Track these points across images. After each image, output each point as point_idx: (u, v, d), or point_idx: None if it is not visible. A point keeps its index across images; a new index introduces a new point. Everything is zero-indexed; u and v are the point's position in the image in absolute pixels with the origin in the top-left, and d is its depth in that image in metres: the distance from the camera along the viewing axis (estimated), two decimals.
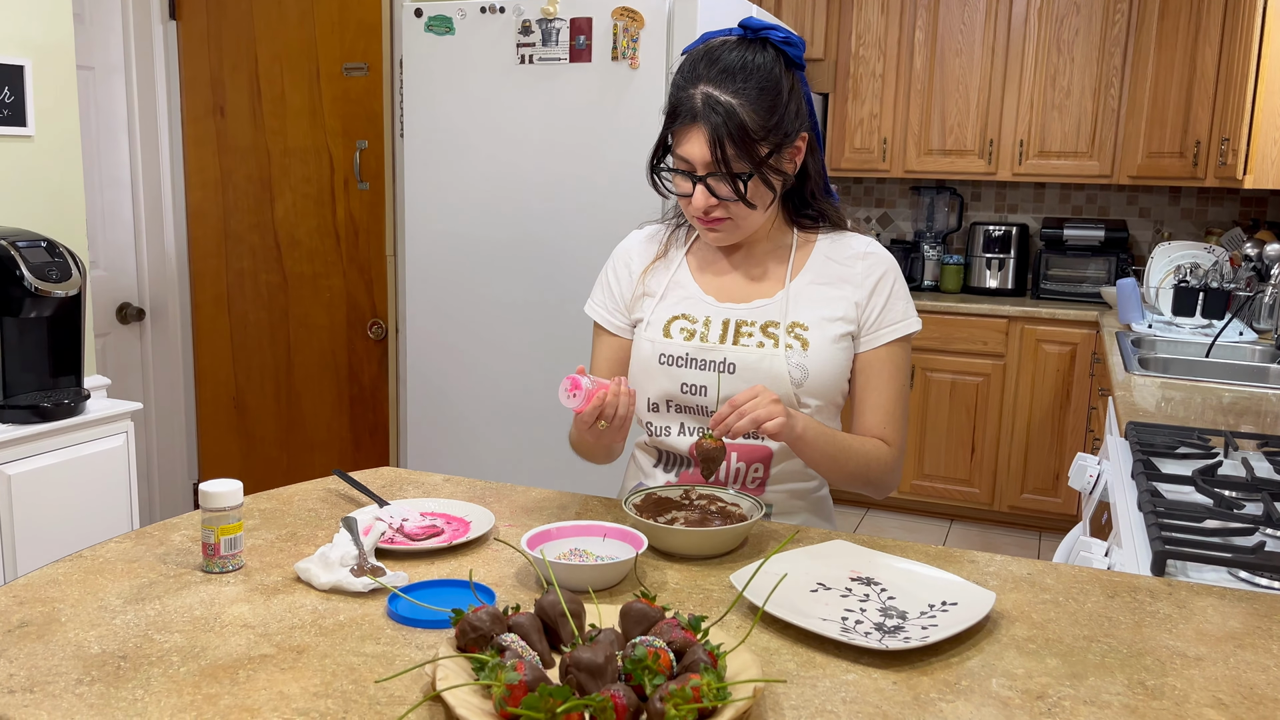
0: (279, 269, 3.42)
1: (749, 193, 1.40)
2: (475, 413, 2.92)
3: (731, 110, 1.35)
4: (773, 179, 1.42)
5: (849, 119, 4.58)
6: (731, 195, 1.39)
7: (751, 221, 1.45)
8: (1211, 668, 1.04)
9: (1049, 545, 4.16)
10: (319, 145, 3.29)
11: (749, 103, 1.36)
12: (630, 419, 1.40)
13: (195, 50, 3.37)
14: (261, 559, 1.26)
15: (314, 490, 1.53)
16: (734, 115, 1.35)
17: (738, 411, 1.31)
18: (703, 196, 1.40)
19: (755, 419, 1.30)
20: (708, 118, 1.35)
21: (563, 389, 1.35)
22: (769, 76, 1.38)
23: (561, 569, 1.16)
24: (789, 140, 1.42)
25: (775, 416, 1.31)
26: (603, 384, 1.37)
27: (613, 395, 1.35)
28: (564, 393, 1.35)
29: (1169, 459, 1.83)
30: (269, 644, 1.03)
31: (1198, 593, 1.23)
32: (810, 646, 1.06)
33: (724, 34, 1.45)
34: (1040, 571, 1.28)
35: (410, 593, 1.16)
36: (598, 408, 1.35)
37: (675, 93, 1.41)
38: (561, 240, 2.76)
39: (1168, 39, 4.04)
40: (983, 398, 4.26)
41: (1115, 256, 4.37)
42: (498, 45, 2.73)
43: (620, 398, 1.36)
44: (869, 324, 1.49)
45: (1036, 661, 1.04)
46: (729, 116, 1.35)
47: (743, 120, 1.35)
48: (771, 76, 1.38)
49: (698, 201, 1.41)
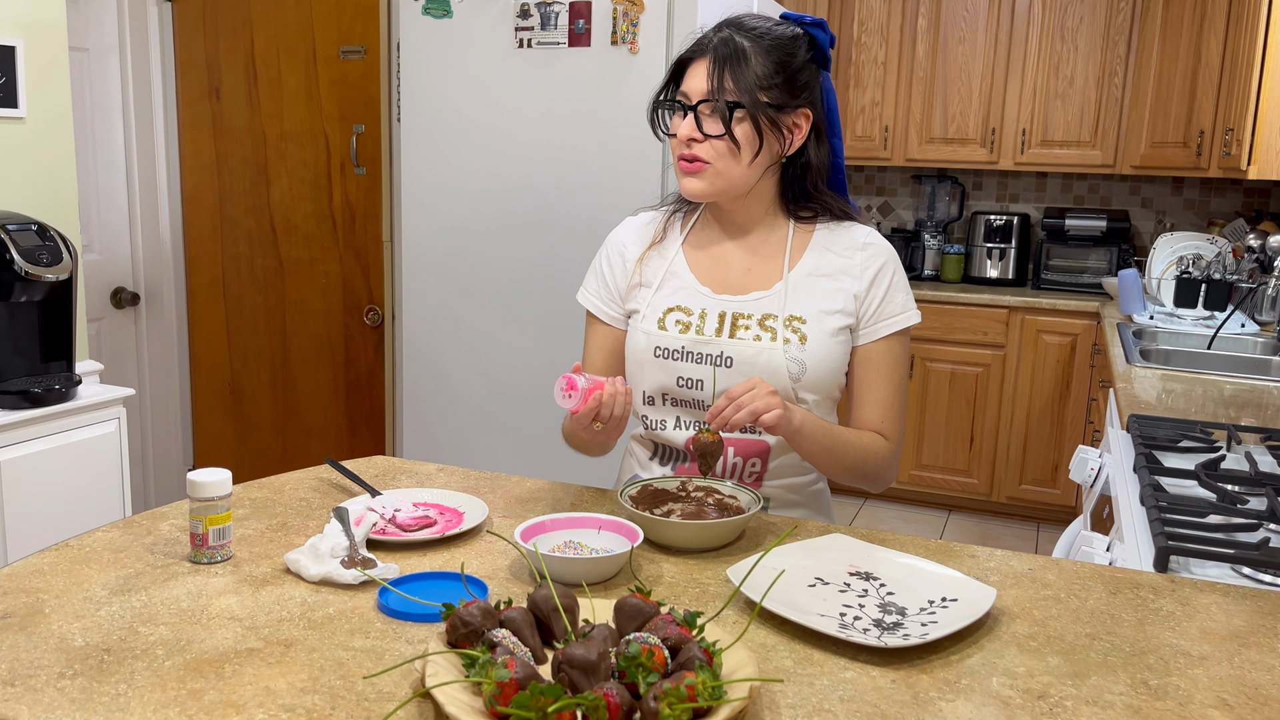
0: (275, 254, 3.39)
1: (736, 131, 1.39)
2: (472, 399, 2.90)
3: (742, 48, 1.38)
4: (766, 130, 1.40)
5: (851, 106, 4.54)
6: (718, 130, 1.39)
7: (731, 174, 1.42)
8: (1216, 667, 1.02)
9: (1047, 536, 4.15)
10: (315, 129, 3.26)
11: (761, 51, 1.39)
12: (626, 418, 1.37)
13: (190, 32, 3.33)
14: (251, 549, 1.24)
15: (306, 479, 1.51)
16: (743, 52, 1.38)
17: (735, 404, 1.29)
18: (690, 127, 1.40)
19: (753, 411, 1.28)
20: (716, 50, 1.39)
21: (558, 388, 1.32)
22: (788, 43, 1.41)
23: (555, 562, 1.14)
24: (791, 104, 1.41)
25: (773, 409, 1.28)
26: (598, 382, 1.34)
27: (609, 395, 1.33)
28: (559, 393, 1.32)
29: (1171, 452, 1.81)
30: (256, 637, 1.01)
31: (1201, 590, 1.21)
32: (808, 643, 1.04)
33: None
34: (1041, 567, 1.26)
35: (402, 585, 1.14)
36: (594, 408, 1.32)
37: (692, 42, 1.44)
38: (559, 226, 2.73)
39: (1172, 28, 4.01)
40: (982, 388, 4.24)
41: (1117, 247, 4.35)
42: (496, 29, 2.70)
43: (617, 398, 1.34)
44: (868, 316, 1.46)
45: (1038, 660, 1.03)
46: (737, 51, 1.38)
47: (750, 59, 1.38)
48: (791, 44, 1.41)
49: (682, 130, 1.40)
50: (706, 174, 1.42)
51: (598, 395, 1.32)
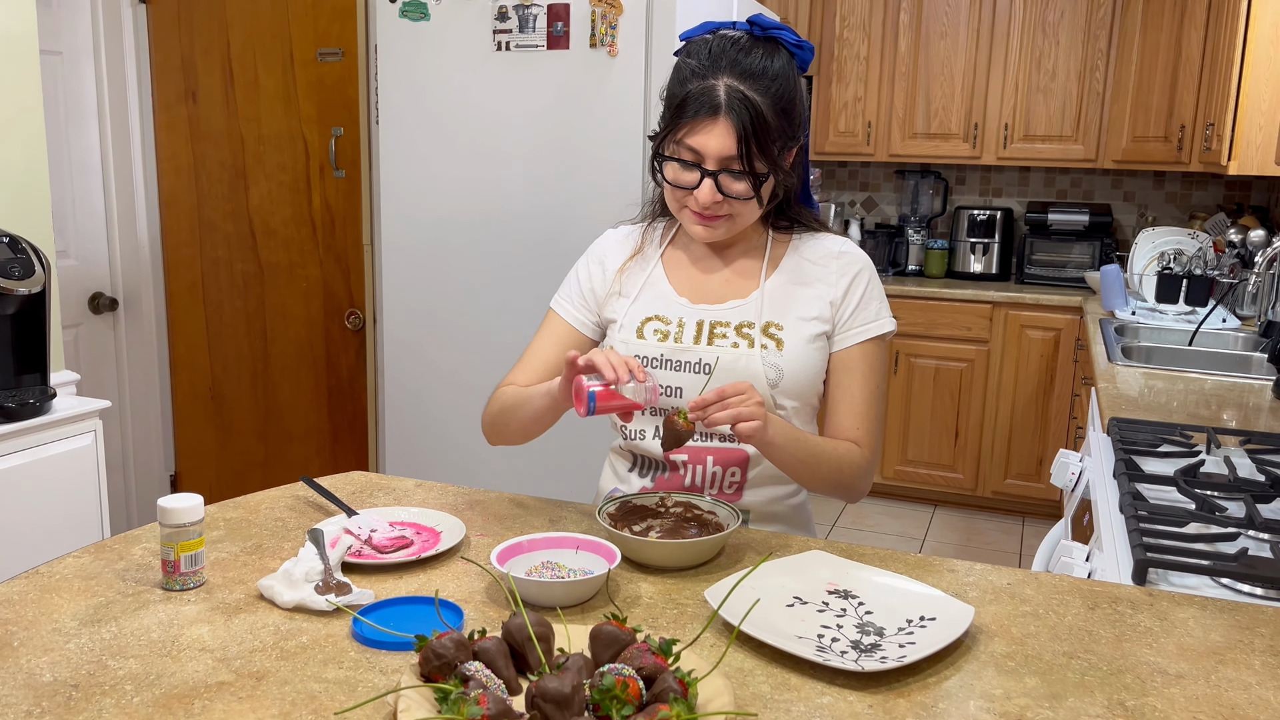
0: (254, 258, 3.36)
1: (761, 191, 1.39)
2: (453, 403, 2.88)
3: (759, 109, 1.34)
4: (783, 180, 1.42)
5: (833, 102, 4.53)
6: (745, 193, 1.38)
7: (748, 219, 1.44)
8: (1193, 686, 1.02)
9: (1032, 530, 4.17)
10: (294, 132, 3.23)
11: (773, 103, 1.35)
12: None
13: (166, 34, 3.29)
14: (225, 574, 1.23)
15: (282, 498, 1.50)
16: (761, 114, 1.34)
17: (724, 402, 1.28)
18: (710, 191, 1.37)
19: (737, 415, 1.27)
20: (736, 113, 1.33)
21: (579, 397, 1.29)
22: (788, 81, 1.38)
23: (531, 586, 1.13)
24: (794, 143, 1.41)
25: (754, 419, 1.28)
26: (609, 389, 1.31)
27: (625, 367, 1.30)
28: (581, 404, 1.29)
29: (1151, 457, 1.82)
30: (227, 670, 1.00)
31: (1179, 603, 1.21)
32: (785, 667, 1.03)
33: (727, 26, 1.42)
34: (1020, 582, 1.26)
35: (377, 610, 1.13)
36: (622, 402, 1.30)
37: (688, 82, 1.37)
38: (539, 227, 2.72)
39: (1153, 22, 4.01)
40: (966, 383, 4.25)
41: (1100, 241, 4.36)
42: (474, 31, 2.68)
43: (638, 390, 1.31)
44: (842, 322, 1.47)
45: (1015, 681, 1.02)
46: (757, 115, 1.34)
47: (768, 120, 1.34)
48: (790, 81, 1.38)
49: (704, 196, 1.38)
50: (724, 225, 1.42)
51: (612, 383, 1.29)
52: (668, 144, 1.40)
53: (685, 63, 1.39)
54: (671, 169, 1.40)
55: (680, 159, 1.38)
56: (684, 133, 1.36)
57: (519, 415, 1.47)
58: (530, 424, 1.46)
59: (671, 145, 1.39)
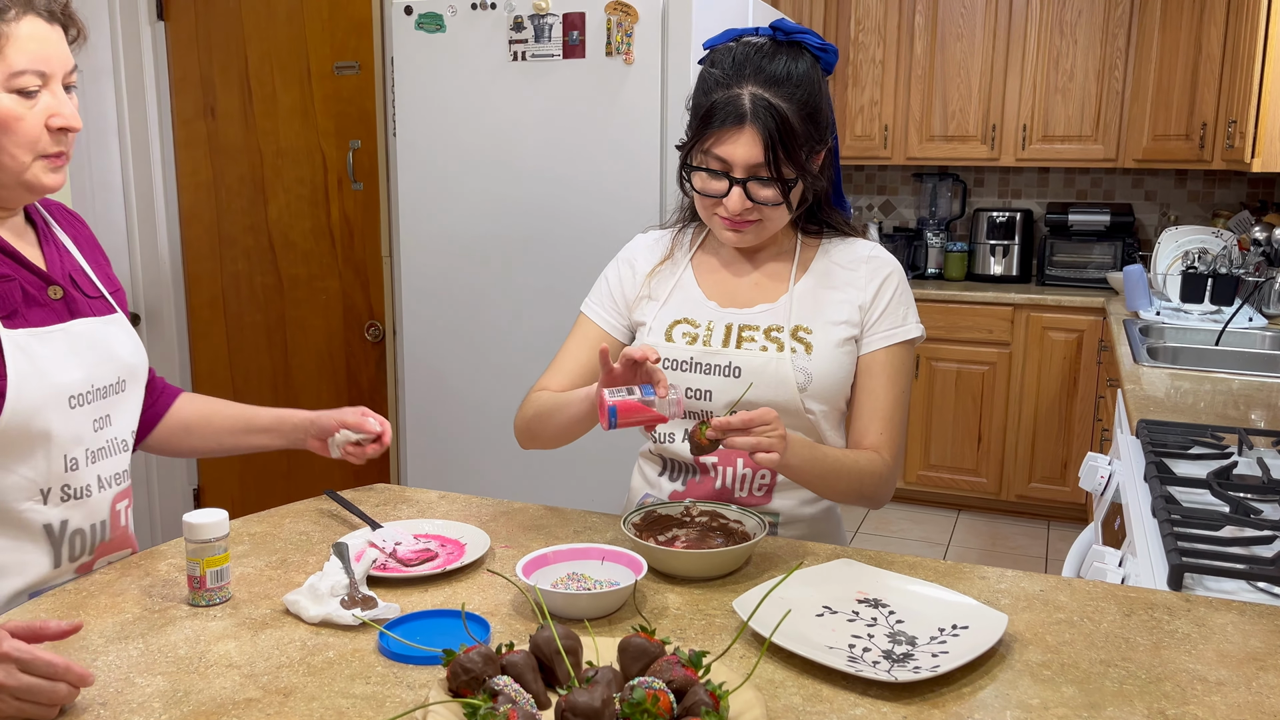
0: (274, 271, 3.37)
1: (790, 196, 1.39)
2: (475, 413, 2.88)
3: (784, 115, 1.33)
4: (812, 184, 1.42)
5: (849, 106, 4.52)
6: (774, 199, 1.38)
7: (778, 224, 1.44)
8: (1234, 693, 1.00)
9: (1058, 535, 4.13)
10: (311, 145, 3.24)
11: (798, 108, 1.35)
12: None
13: (184, 51, 3.32)
14: (250, 589, 1.23)
15: (305, 512, 1.50)
16: (787, 120, 1.34)
17: (749, 431, 1.26)
18: (739, 199, 1.37)
19: (757, 444, 1.25)
20: (761, 120, 1.33)
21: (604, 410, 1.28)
22: (812, 85, 1.37)
23: (557, 599, 1.13)
24: (821, 146, 1.41)
25: (774, 451, 1.25)
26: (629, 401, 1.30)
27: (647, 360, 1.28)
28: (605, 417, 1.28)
29: (1182, 459, 1.79)
30: (255, 686, 1.00)
31: (1216, 608, 1.19)
32: (817, 678, 1.02)
33: (750, 32, 1.42)
34: (1053, 588, 1.24)
35: (403, 624, 1.13)
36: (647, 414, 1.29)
37: (713, 91, 1.37)
38: (558, 237, 2.71)
39: (1172, 19, 3.97)
40: (989, 386, 4.22)
41: (1121, 241, 4.31)
42: (490, 42, 2.68)
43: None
44: (869, 326, 1.46)
45: (1052, 690, 1.00)
46: (782, 121, 1.33)
47: (794, 126, 1.34)
48: (814, 85, 1.38)
49: (733, 204, 1.38)
50: (753, 230, 1.42)
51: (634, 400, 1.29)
52: (695, 153, 1.40)
53: (709, 72, 1.39)
54: (700, 178, 1.40)
55: (708, 168, 1.38)
56: (711, 142, 1.36)
57: (555, 420, 1.46)
58: (568, 428, 1.46)
59: (699, 155, 1.39)
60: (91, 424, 1.28)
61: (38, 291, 1.26)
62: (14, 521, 1.22)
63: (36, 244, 1.32)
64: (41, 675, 0.90)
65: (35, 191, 1.25)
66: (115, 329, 1.34)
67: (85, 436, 1.27)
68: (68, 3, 1.27)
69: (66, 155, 1.26)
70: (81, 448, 1.26)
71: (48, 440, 1.22)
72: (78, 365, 1.26)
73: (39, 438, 1.21)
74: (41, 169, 1.24)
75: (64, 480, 1.25)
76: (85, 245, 1.41)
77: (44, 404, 1.21)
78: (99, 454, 1.29)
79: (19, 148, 1.21)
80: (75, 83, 1.27)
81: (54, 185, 1.26)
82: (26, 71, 1.19)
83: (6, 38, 1.18)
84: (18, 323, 1.22)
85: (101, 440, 1.30)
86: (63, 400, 1.24)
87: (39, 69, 1.21)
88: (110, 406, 1.31)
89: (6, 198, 1.26)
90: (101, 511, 1.31)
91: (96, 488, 1.29)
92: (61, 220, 1.40)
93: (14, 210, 1.30)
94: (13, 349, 1.20)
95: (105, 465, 1.31)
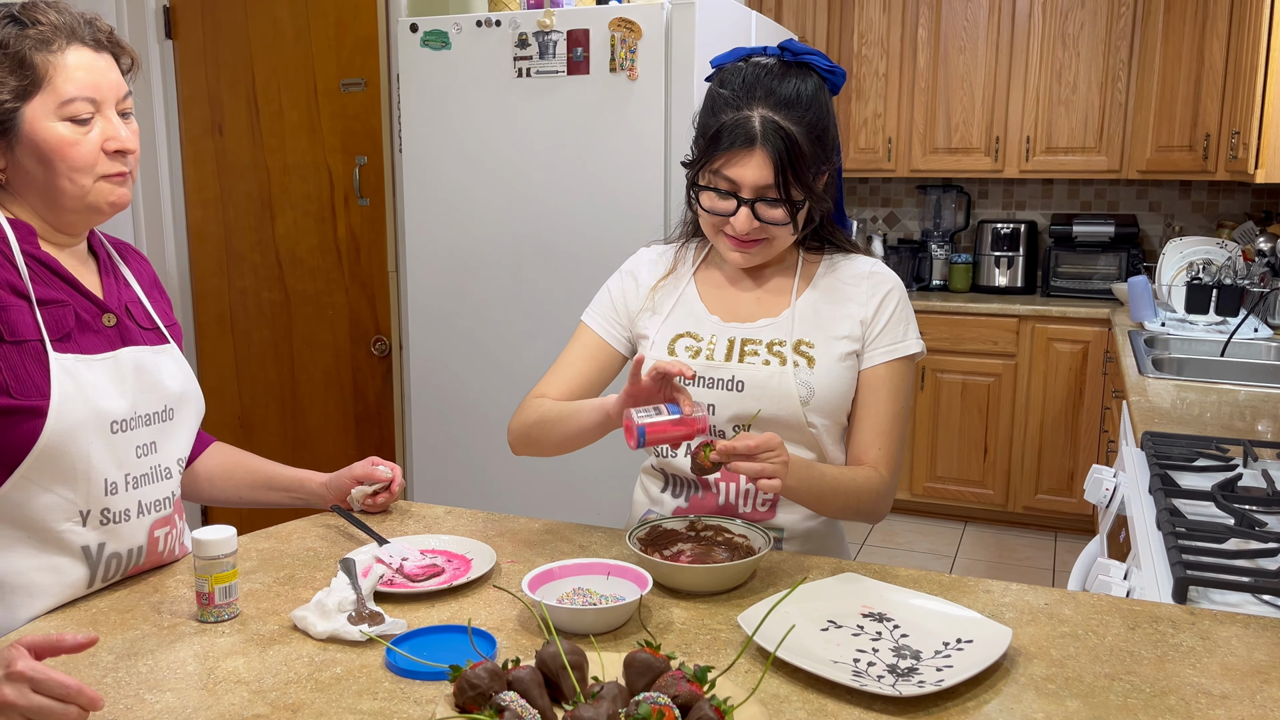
0: (281, 287, 3.39)
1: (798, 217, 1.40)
2: (481, 427, 2.89)
3: (794, 138, 1.35)
4: (818, 204, 1.42)
5: (853, 119, 4.53)
6: (781, 220, 1.39)
7: (784, 243, 1.45)
8: (1238, 707, 1.00)
9: (1065, 546, 4.12)
10: (318, 162, 3.26)
11: (807, 131, 1.36)
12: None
13: (192, 69, 3.34)
14: (258, 605, 1.24)
15: (312, 528, 1.50)
16: (796, 143, 1.35)
17: (752, 459, 1.26)
18: (747, 219, 1.38)
19: (761, 470, 1.25)
20: (771, 143, 1.34)
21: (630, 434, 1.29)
22: (820, 107, 1.39)
23: (562, 614, 1.13)
24: (827, 167, 1.42)
25: (776, 478, 1.26)
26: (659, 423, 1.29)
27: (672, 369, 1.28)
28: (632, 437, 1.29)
29: (1187, 471, 1.79)
30: (263, 702, 1.00)
31: (1221, 622, 1.19)
32: (821, 693, 1.02)
33: (759, 52, 1.43)
34: (1058, 601, 1.25)
35: (410, 640, 1.13)
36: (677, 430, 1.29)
37: (722, 112, 1.38)
38: (563, 252, 2.73)
39: (1174, 31, 3.98)
40: (994, 398, 4.22)
41: (1126, 252, 4.32)
42: (495, 59, 2.70)
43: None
44: (870, 341, 1.47)
45: (1056, 704, 1.01)
46: (792, 144, 1.34)
47: (803, 148, 1.35)
48: (822, 107, 1.39)
49: (741, 224, 1.38)
50: (760, 250, 1.43)
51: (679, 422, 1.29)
52: (704, 173, 1.41)
53: (719, 92, 1.40)
54: (708, 198, 1.41)
55: (716, 188, 1.39)
56: (720, 163, 1.37)
57: (560, 429, 1.47)
58: (573, 438, 1.46)
59: (708, 175, 1.40)
60: (134, 450, 1.29)
61: (92, 318, 1.29)
62: (53, 541, 1.23)
63: (96, 273, 1.35)
64: (54, 697, 0.91)
65: (101, 212, 1.29)
66: (165, 359, 1.36)
67: (127, 462, 1.28)
68: (112, 31, 1.30)
69: (129, 175, 1.29)
70: (122, 473, 1.27)
71: (88, 463, 1.23)
72: (122, 392, 1.28)
73: (79, 460, 1.22)
74: (104, 189, 1.27)
75: (104, 504, 1.26)
76: (146, 282, 1.44)
77: (84, 427, 1.22)
78: (141, 480, 1.30)
79: (77, 173, 1.24)
80: (130, 108, 1.30)
81: (119, 200, 1.29)
82: (77, 99, 1.22)
83: (55, 67, 1.22)
84: (69, 347, 1.25)
85: (145, 467, 1.31)
86: (104, 425, 1.25)
87: (89, 96, 1.24)
88: (156, 434, 1.32)
89: (72, 223, 1.29)
90: (139, 537, 1.31)
91: (136, 513, 1.30)
92: (126, 256, 1.43)
93: (78, 238, 1.33)
94: (59, 371, 1.22)
95: (147, 491, 1.31)
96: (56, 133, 1.22)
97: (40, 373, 1.21)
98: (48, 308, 1.24)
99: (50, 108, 1.21)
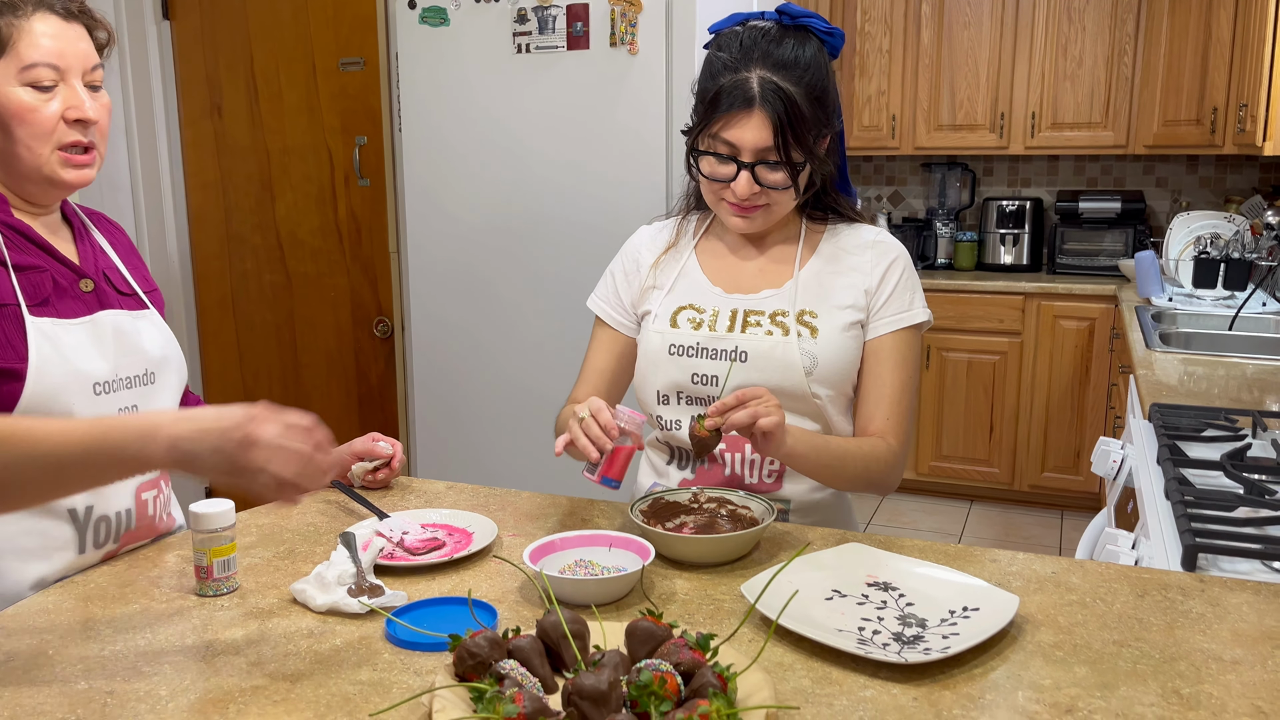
0: (283, 269, 3.38)
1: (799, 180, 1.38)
2: (484, 407, 2.88)
3: (793, 99, 1.33)
4: (819, 168, 1.41)
5: (856, 96, 4.50)
6: (782, 183, 1.37)
7: (785, 209, 1.43)
8: (1249, 672, 0.99)
9: (1072, 524, 4.10)
10: (318, 143, 3.24)
11: (806, 92, 1.34)
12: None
13: (190, 50, 3.32)
14: (257, 579, 1.23)
15: (313, 503, 1.49)
16: (795, 104, 1.33)
17: (744, 405, 1.27)
18: (747, 183, 1.37)
19: (755, 413, 1.25)
20: (770, 104, 1.33)
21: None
22: (820, 69, 1.37)
23: (565, 584, 1.12)
24: (828, 130, 1.40)
25: (773, 416, 1.26)
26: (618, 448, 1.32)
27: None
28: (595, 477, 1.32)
29: (1195, 442, 1.77)
30: (261, 674, 0.99)
31: (1231, 588, 1.17)
32: (826, 660, 1.01)
33: (756, 16, 1.41)
34: (1065, 570, 1.23)
35: (410, 612, 1.12)
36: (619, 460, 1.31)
37: (720, 75, 1.36)
38: (565, 229, 2.71)
39: (1181, 4, 3.94)
40: (1000, 376, 4.19)
41: (1133, 228, 4.28)
42: (494, 35, 2.68)
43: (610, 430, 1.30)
44: (875, 311, 1.46)
45: (1064, 671, 0.99)
46: (791, 105, 1.33)
47: (802, 109, 1.34)
48: (821, 69, 1.37)
49: (741, 189, 1.37)
50: (761, 215, 1.42)
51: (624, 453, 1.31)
52: (703, 138, 1.39)
53: (716, 56, 1.39)
54: (708, 163, 1.39)
55: (716, 153, 1.37)
56: (719, 126, 1.36)
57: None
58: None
59: (707, 139, 1.38)
60: (117, 412, 1.29)
61: (69, 284, 1.29)
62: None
63: (71, 241, 1.35)
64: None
65: (57, 186, 1.28)
66: (145, 323, 1.37)
67: None
68: (83, 1, 1.29)
69: (94, 153, 1.29)
70: None
71: None
72: (103, 354, 1.28)
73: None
74: (59, 163, 1.26)
75: None
76: (121, 249, 1.44)
77: (66, 389, 1.23)
78: None
79: (35, 140, 1.24)
80: (99, 81, 1.29)
81: (74, 181, 1.28)
82: (39, 65, 1.22)
83: (21, 32, 1.21)
84: (47, 311, 1.25)
85: None
86: (86, 387, 1.25)
87: (52, 63, 1.23)
88: (138, 397, 1.32)
89: (34, 193, 1.29)
90: (125, 499, 1.31)
91: None
92: (99, 225, 1.43)
93: (48, 209, 1.33)
94: (37, 335, 1.22)
95: None
96: (17, 97, 1.21)
97: (18, 336, 1.21)
98: (24, 273, 1.24)
99: (11, 72, 1.21)
